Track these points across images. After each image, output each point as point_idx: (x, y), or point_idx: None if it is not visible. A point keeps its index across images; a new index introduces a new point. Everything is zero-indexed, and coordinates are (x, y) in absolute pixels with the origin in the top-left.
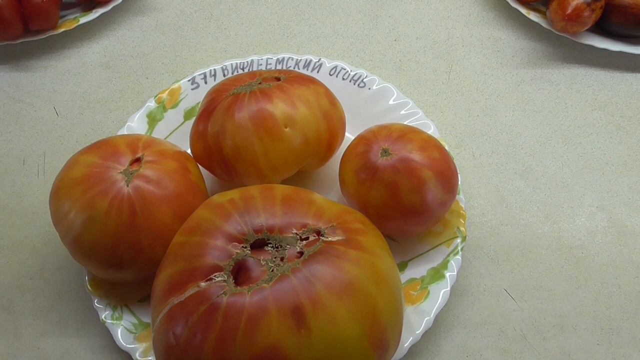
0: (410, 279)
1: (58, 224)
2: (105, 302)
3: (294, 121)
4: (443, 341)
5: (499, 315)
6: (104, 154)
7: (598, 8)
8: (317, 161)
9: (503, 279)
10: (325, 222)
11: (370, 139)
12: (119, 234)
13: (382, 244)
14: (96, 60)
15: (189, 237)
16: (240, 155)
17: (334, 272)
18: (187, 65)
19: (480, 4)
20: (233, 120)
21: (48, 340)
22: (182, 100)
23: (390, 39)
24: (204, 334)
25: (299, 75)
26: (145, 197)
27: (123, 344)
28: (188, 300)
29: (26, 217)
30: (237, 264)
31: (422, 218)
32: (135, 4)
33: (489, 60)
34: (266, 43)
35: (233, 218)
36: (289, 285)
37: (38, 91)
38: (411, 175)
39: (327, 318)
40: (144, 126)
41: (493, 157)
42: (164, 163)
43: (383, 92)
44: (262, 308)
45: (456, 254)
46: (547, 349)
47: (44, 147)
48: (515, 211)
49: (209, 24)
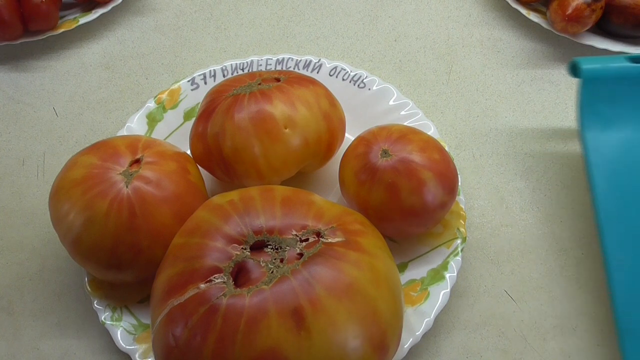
0: (410, 280)
1: (57, 225)
2: (105, 303)
3: (294, 122)
4: (443, 342)
5: (499, 316)
6: (104, 155)
7: (598, 8)
8: (317, 162)
9: (503, 280)
10: (325, 223)
11: (370, 140)
12: (119, 235)
13: (382, 245)
14: (96, 60)
15: (188, 238)
16: (240, 156)
17: (334, 274)
18: (186, 65)
19: (481, 5)
20: (233, 121)
21: (47, 342)
22: (181, 101)
23: (390, 39)
24: (203, 336)
25: (299, 76)
26: (144, 198)
27: (123, 345)
28: (188, 302)
29: (25, 218)
30: (237, 266)
31: (422, 219)
32: (134, 5)
33: (489, 60)
34: (266, 43)
35: (233, 219)
36: (289, 287)
37: (37, 92)
38: (411, 176)
39: (327, 320)
40: (143, 127)
41: (493, 157)
42: (164, 164)
43: (383, 92)
44: (262, 310)
45: (456, 255)
46: (547, 350)
47: (44, 148)
48: (515, 212)
49: (209, 25)
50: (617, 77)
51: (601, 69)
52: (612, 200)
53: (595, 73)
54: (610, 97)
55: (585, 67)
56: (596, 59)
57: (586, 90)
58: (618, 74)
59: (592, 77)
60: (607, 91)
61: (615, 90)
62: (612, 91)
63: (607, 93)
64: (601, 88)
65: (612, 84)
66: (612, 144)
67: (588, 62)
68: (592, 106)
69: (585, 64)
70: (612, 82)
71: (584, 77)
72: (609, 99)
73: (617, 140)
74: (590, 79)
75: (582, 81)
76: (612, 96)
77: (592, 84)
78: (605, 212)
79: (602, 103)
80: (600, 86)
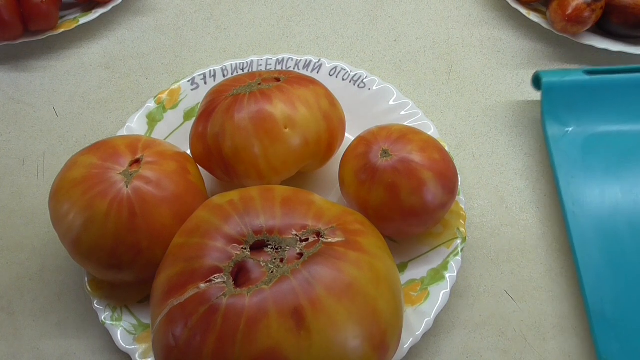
0: (410, 280)
1: (57, 225)
2: (105, 303)
3: (294, 122)
4: (443, 342)
5: (499, 316)
6: (104, 155)
7: (598, 8)
8: (317, 162)
9: (503, 279)
10: (325, 223)
11: (370, 140)
12: (119, 235)
13: (382, 245)
14: (96, 60)
15: (188, 238)
16: (240, 156)
17: (334, 274)
18: (186, 65)
19: (481, 5)
20: (233, 121)
21: (47, 341)
22: (181, 101)
23: (390, 39)
24: (203, 336)
25: (299, 76)
26: (144, 198)
27: (123, 345)
28: (188, 302)
29: (26, 218)
30: (237, 266)
31: (422, 219)
32: (134, 5)
33: (489, 60)
34: (266, 43)
35: (233, 219)
36: (289, 287)
37: (37, 92)
38: (411, 176)
39: (327, 320)
40: (143, 127)
41: (493, 157)
42: (164, 164)
43: (383, 92)
44: (262, 310)
45: (456, 255)
46: (548, 350)
47: (44, 148)
48: (515, 212)
49: (209, 25)
50: (573, 87)
51: (559, 81)
52: (573, 193)
53: (554, 84)
54: (569, 104)
55: (545, 80)
56: (556, 72)
57: (547, 99)
58: (574, 84)
59: (551, 87)
60: (565, 99)
61: (573, 99)
62: (570, 99)
63: (566, 101)
64: (560, 97)
65: (569, 93)
66: (572, 145)
67: (548, 75)
68: (552, 112)
69: (545, 77)
70: (569, 91)
71: (544, 88)
72: (567, 106)
73: (575, 141)
74: (550, 89)
75: (543, 92)
76: (570, 104)
77: (552, 93)
78: (568, 204)
79: (561, 110)
80: (559, 95)
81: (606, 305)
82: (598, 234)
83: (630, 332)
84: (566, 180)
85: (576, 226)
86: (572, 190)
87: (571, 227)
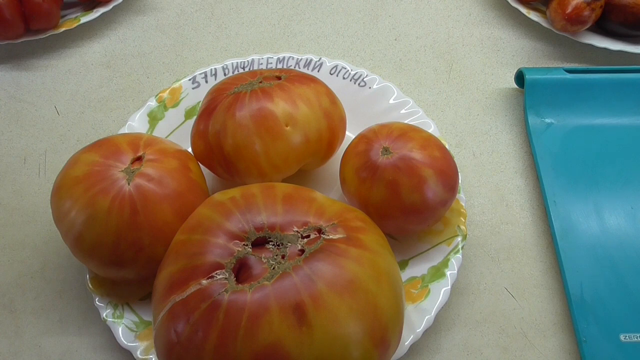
0: (410, 277)
1: (59, 222)
2: (107, 300)
3: (295, 120)
4: (444, 339)
5: (500, 313)
6: (105, 152)
7: (598, 7)
8: (318, 160)
9: (503, 277)
10: (326, 220)
11: (371, 138)
12: (120, 233)
13: (382, 242)
14: (97, 59)
15: (190, 235)
16: (241, 153)
17: (335, 270)
18: (187, 64)
19: (481, 4)
20: (234, 119)
21: (49, 339)
22: (183, 100)
23: (391, 38)
24: (205, 332)
25: (300, 74)
26: (146, 195)
27: (124, 342)
28: (189, 298)
29: (27, 216)
30: (239, 262)
31: (422, 216)
32: (136, 4)
33: (489, 59)
34: (267, 42)
35: (234, 216)
36: (290, 283)
37: (39, 90)
38: (412, 173)
39: (328, 316)
40: (144, 125)
41: (493, 155)
42: (165, 162)
43: (383, 91)
44: (264, 306)
45: (457, 253)
46: (548, 347)
47: (45, 146)
48: (515, 210)
49: (210, 24)
50: (555, 85)
51: (541, 78)
52: (553, 184)
53: (536, 81)
54: (550, 101)
55: (528, 77)
56: (538, 69)
57: (529, 96)
58: (555, 82)
59: (534, 84)
60: (547, 96)
61: (554, 95)
62: (551, 96)
63: (547, 98)
64: (542, 94)
65: (551, 90)
66: (553, 139)
67: (531, 72)
68: (534, 108)
69: (528, 74)
70: (550, 89)
71: (527, 84)
72: (548, 103)
73: (556, 135)
74: (533, 85)
75: (526, 88)
76: (551, 100)
77: (534, 90)
78: (549, 194)
79: (543, 106)
80: (541, 92)
81: (585, 290)
82: (577, 222)
83: (606, 314)
84: (547, 172)
85: (557, 215)
86: (552, 181)
87: (552, 217)
